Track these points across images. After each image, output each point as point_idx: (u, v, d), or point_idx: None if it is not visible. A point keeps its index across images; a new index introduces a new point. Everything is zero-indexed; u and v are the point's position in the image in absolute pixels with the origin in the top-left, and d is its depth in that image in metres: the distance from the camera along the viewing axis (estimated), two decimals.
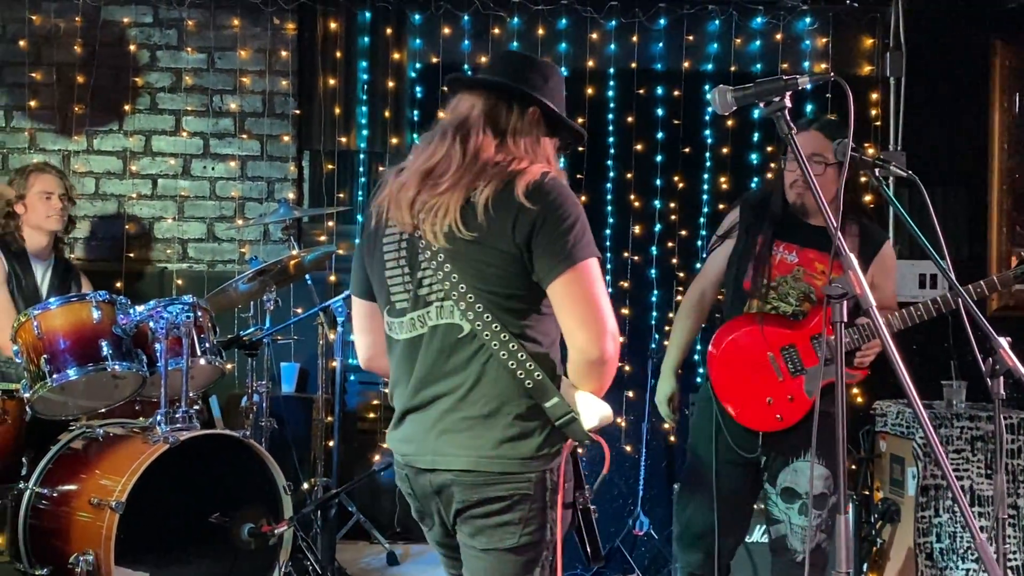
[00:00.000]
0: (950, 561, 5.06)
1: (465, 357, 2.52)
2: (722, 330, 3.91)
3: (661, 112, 6.17)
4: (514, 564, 2.56)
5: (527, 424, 2.50)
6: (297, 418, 5.82)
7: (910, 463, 5.15)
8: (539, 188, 2.45)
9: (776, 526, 3.86)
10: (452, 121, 2.60)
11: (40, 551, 4.27)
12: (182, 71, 6.27)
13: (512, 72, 2.64)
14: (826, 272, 3.81)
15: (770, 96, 2.41)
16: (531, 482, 2.50)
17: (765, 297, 3.83)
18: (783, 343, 3.82)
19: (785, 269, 3.86)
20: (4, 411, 4.33)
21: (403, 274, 2.61)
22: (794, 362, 3.80)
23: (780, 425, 3.79)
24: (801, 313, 3.84)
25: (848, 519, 2.32)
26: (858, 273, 2.28)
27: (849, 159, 2.48)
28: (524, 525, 2.52)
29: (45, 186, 5.12)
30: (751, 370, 3.81)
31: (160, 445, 4.14)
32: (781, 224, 3.90)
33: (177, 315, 4.34)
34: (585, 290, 2.45)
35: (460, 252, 2.49)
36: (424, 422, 2.58)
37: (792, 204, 3.88)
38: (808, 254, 3.86)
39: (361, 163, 6.37)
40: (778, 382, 3.80)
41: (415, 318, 2.58)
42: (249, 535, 4.35)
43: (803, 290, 3.84)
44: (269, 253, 6.18)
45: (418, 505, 2.71)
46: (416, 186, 2.55)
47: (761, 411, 3.80)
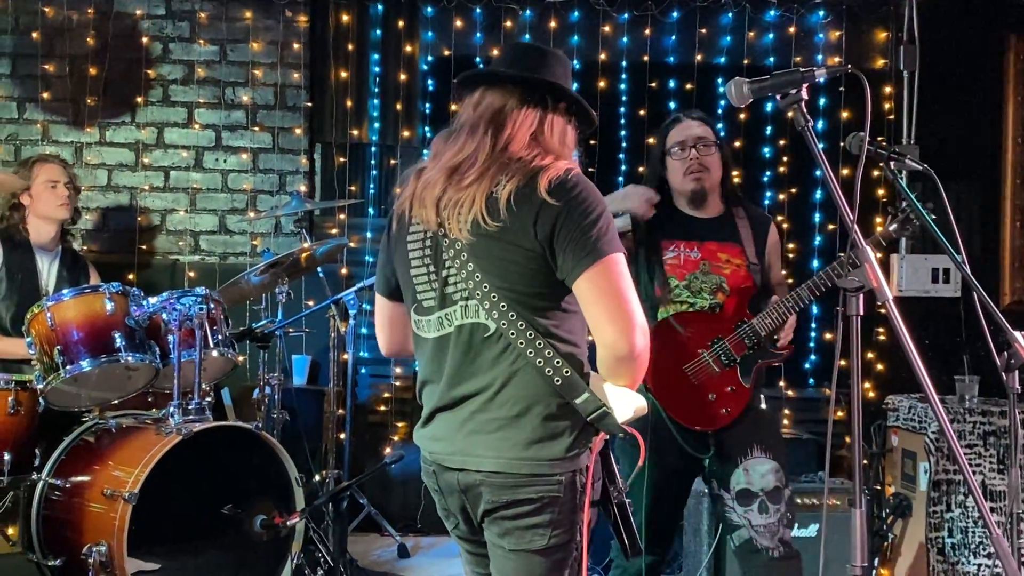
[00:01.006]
0: (962, 556, 5.05)
1: (492, 356, 2.51)
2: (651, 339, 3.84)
3: (674, 105, 6.16)
4: (543, 565, 2.55)
5: (557, 424, 2.49)
6: (309, 410, 5.82)
7: (922, 458, 5.14)
8: (562, 184, 2.44)
9: (738, 531, 3.80)
10: (483, 115, 2.58)
11: (53, 542, 4.27)
12: (194, 63, 6.28)
13: (537, 65, 2.62)
14: (730, 260, 3.86)
15: (786, 88, 2.40)
16: (561, 484, 2.49)
17: (679, 298, 3.83)
18: (710, 337, 3.82)
19: (692, 266, 3.86)
20: (18, 402, 4.33)
21: (428, 272, 2.59)
22: (726, 354, 3.80)
23: (728, 418, 3.78)
24: (717, 305, 3.84)
25: (862, 514, 2.31)
26: (874, 265, 2.27)
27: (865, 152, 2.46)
28: (553, 527, 2.51)
29: (50, 175, 5.09)
30: (689, 372, 3.80)
31: (173, 437, 4.14)
32: (675, 224, 3.92)
33: (190, 307, 4.34)
34: (612, 284, 2.42)
35: (484, 247, 2.47)
36: (454, 421, 2.58)
37: (693, 192, 3.89)
38: (708, 247, 3.88)
39: (373, 156, 6.37)
40: (716, 377, 3.80)
41: (442, 317, 2.57)
42: (261, 527, 4.35)
43: (715, 282, 3.84)
44: (281, 246, 6.18)
45: (443, 502, 2.70)
46: (442, 183, 2.54)
47: (706, 409, 3.79)
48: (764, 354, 3.83)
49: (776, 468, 3.79)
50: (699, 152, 3.87)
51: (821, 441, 5.60)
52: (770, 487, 3.77)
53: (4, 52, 6.19)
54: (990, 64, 6.23)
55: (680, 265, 3.86)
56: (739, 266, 3.87)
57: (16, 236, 5.06)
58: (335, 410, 5.59)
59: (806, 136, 2.40)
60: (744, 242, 3.90)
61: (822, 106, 6.08)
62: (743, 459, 3.78)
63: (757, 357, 3.82)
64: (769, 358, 3.84)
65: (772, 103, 5.90)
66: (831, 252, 6.14)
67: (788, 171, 6.20)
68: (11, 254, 5.02)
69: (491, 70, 2.65)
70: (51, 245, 5.17)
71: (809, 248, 6.19)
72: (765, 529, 3.76)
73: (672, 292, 3.83)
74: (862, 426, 2.32)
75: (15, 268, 5.00)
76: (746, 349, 3.80)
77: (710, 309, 3.84)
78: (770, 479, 3.78)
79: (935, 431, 5.06)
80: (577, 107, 2.64)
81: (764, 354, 3.83)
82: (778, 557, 3.76)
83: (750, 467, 3.78)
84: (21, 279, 5.00)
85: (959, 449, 2.40)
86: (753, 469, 3.78)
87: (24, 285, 5.00)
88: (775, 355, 3.85)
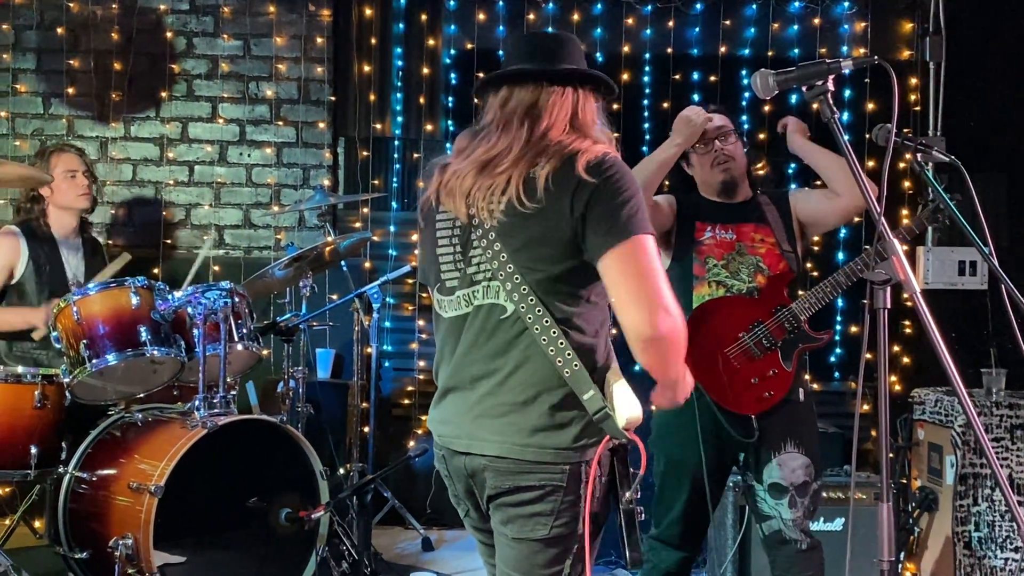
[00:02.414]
0: (988, 550, 5.02)
1: (506, 339, 2.51)
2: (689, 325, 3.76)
3: (697, 98, 6.14)
4: (544, 554, 2.55)
5: (565, 414, 2.49)
6: (333, 404, 5.83)
7: (948, 451, 5.11)
8: (600, 164, 2.44)
9: (768, 522, 3.83)
10: (514, 111, 2.58)
11: (80, 535, 4.30)
12: (218, 58, 6.30)
13: (555, 55, 2.62)
14: (764, 240, 3.90)
15: (813, 80, 2.38)
16: (565, 473, 2.49)
17: (718, 278, 3.86)
18: (750, 321, 3.83)
19: (728, 247, 3.89)
20: (44, 396, 4.35)
21: (454, 252, 2.61)
22: (767, 337, 3.81)
23: (771, 401, 3.79)
24: (756, 289, 3.86)
25: (889, 507, 2.30)
26: (901, 258, 2.25)
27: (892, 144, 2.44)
28: (556, 516, 2.51)
29: (68, 165, 5.07)
30: (731, 356, 3.81)
31: (198, 430, 4.15)
32: (708, 210, 3.98)
33: (215, 301, 4.36)
34: (638, 264, 2.41)
35: (516, 228, 2.48)
36: (463, 404, 2.59)
37: (723, 183, 3.95)
38: (742, 228, 3.92)
39: (396, 149, 6.38)
40: (757, 361, 3.81)
41: (462, 296, 2.59)
42: (286, 520, 4.36)
43: (752, 263, 3.87)
44: (304, 240, 6.20)
45: (453, 488, 2.72)
46: (474, 175, 2.54)
47: (750, 393, 3.80)
48: (804, 338, 3.85)
49: (807, 464, 3.80)
50: (722, 143, 3.93)
51: (846, 435, 5.58)
52: (799, 482, 3.79)
53: (29, 47, 6.22)
54: (1017, 54, 6.17)
55: (717, 245, 3.90)
56: (772, 246, 3.90)
57: (38, 229, 5.07)
58: (359, 403, 5.60)
59: (832, 128, 2.38)
60: (773, 225, 3.94)
61: (847, 98, 6.05)
62: (777, 453, 3.80)
63: (798, 341, 3.83)
64: (809, 342, 3.86)
65: (797, 95, 5.86)
66: (856, 244, 6.11)
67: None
68: (35, 247, 5.03)
69: (517, 69, 2.65)
70: (72, 235, 5.17)
71: (835, 241, 6.16)
72: (794, 523, 3.78)
73: (710, 271, 3.86)
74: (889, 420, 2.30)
75: (42, 261, 5.01)
76: (786, 333, 3.82)
77: (748, 293, 3.85)
78: (799, 474, 3.79)
79: (962, 424, 5.03)
80: (599, 82, 2.66)
81: (804, 338, 3.85)
82: (805, 549, 3.80)
83: (783, 462, 3.79)
84: (49, 271, 5.01)
85: (987, 442, 2.38)
86: (785, 464, 3.79)
87: (53, 278, 5.02)
88: (815, 340, 3.87)
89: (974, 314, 5.83)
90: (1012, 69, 6.17)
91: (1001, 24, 6.13)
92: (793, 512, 3.78)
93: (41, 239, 5.06)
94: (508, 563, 2.61)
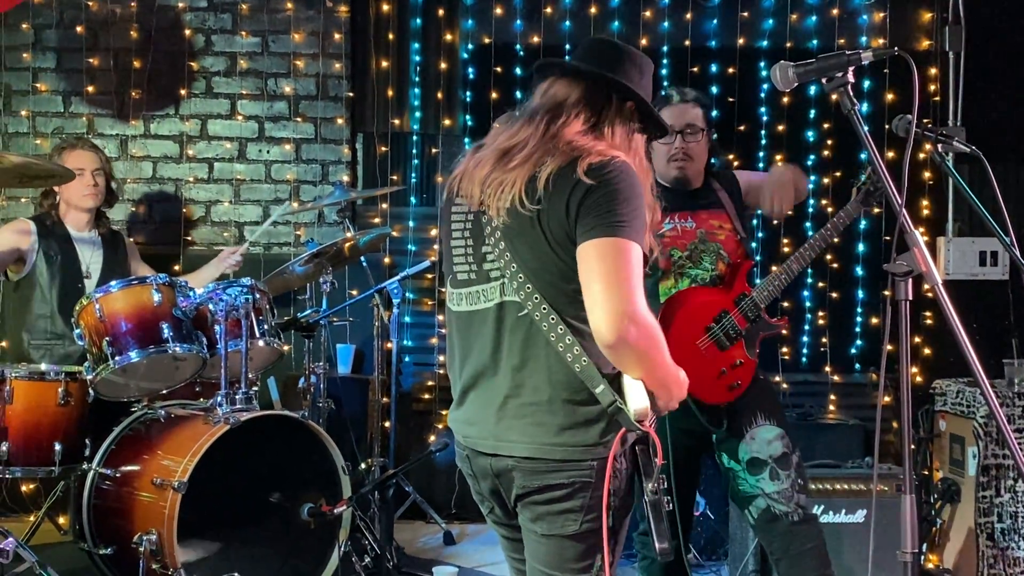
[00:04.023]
0: (1011, 541, 5.00)
1: (525, 337, 2.51)
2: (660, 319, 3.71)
3: (716, 90, 6.13)
4: (575, 550, 2.56)
5: (590, 410, 2.49)
6: (354, 399, 5.84)
7: (970, 443, 5.09)
8: (602, 167, 2.42)
9: (754, 502, 3.80)
10: (544, 104, 2.58)
11: (104, 531, 4.33)
12: (237, 55, 6.32)
13: (609, 62, 2.60)
14: (723, 226, 3.90)
15: (832, 72, 2.38)
16: (592, 469, 2.49)
17: (682, 270, 3.85)
18: (715, 312, 3.83)
19: (690, 236, 3.88)
20: (68, 393, 4.38)
21: (467, 246, 2.61)
22: (733, 327, 3.82)
23: (738, 392, 3.82)
24: (719, 278, 3.87)
25: (912, 499, 2.30)
26: (923, 249, 2.25)
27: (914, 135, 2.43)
28: (586, 512, 2.51)
29: (77, 162, 5.03)
30: (698, 349, 3.79)
31: (221, 426, 4.17)
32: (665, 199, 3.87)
33: (236, 297, 4.37)
34: (612, 266, 2.36)
35: (519, 229, 2.48)
36: (485, 404, 2.59)
37: (675, 179, 3.91)
38: (701, 216, 3.91)
39: (414, 145, 6.38)
40: (724, 352, 3.81)
41: (476, 292, 2.59)
42: (309, 515, 4.37)
43: (713, 250, 3.87)
44: (324, 236, 6.21)
45: (477, 487, 2.72)
46: (491, 164, 2.55)
47: (720, 383, 3.80)
48: (765, 326, 3.90)
49: (782, 434, 3.82)
50: (685, 140, 3.87)
51: (868, 427, 5.57)
52: (778, 453, 3.79)
53: (49, 46, 6.25)
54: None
55: (680, 236, 3.88)
56: (730, 231, 3.92)
57: (48, 222, 5.10)
58: (380, 398, 5.62)
59: (852, 119, 2.38)
60: (728, 210, 3.95)
61: (866, 88, 6.02)
62: (748, 428, 3.82)
63: (759, 329, 3.88)
64: (769, 330, 3.92)
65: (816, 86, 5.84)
66: (876, 236, 6.09)
67: (832, 155, 6.14)
68: (45, 240, 5.06)
69: (562, 62, 2.67)
70: (87, 229, 5.19)
71: (855, 232, 6.13)
72: (780, 495, 3.76)
73: (675, 263, 3.86)
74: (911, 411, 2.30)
75: (52, 253, 5.04)
76: (748, 323, 3.85)
77: (712, 282, 3.87)
78: (777, 445, 3.79)
79: (984, 415, 5.02)
80: (647, 112, 2.63)
81: (765, 326, 3.90)
82: (797, 521, 3.77)
83: (756, 435, 3.81)
84: (61, 262, 5.04)
85: (1010, 433, 2.38)
86: (759, 437, 3.81)
87: (65, 269, 5.05)
88: (774, 327, 3.94)
89: (995, 305, 5.81)
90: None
91: (1021, 12, 6.09)
92: (777, 484, 3.76)
93: (53, 232, 5.09)
94: (539, 559, 2.62)
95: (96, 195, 5.15)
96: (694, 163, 3.92)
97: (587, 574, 2.57)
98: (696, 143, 3.90)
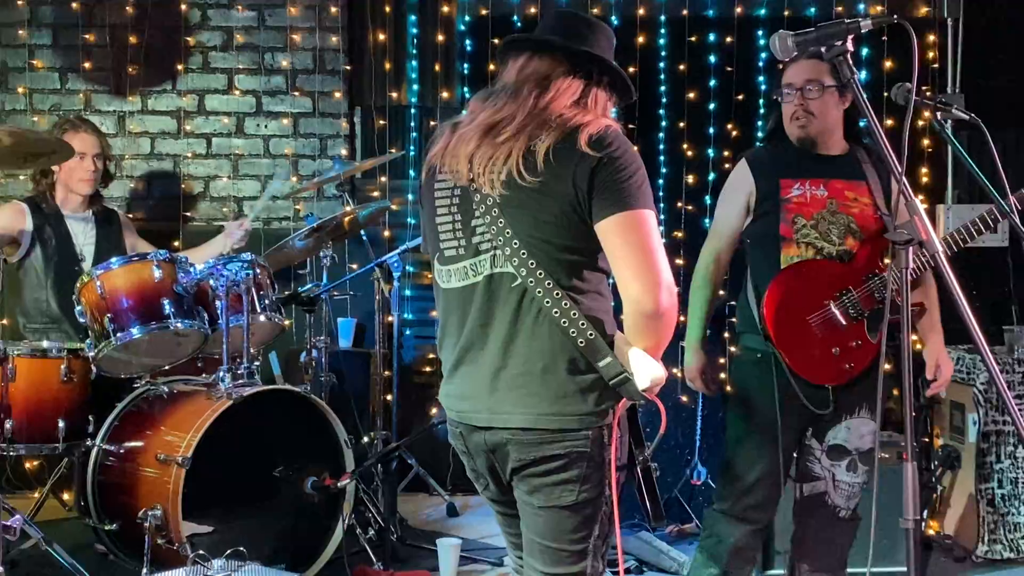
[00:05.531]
0: (1012, 507, 5.03)
1: (518, 309, 2.51)
2: (774, 287, 3.65)
3: (714, 59, 6.10)
4: (573, 520, 2.57)
5: (584, 379, 2.50)
6: (355, 373, 5.85)
7: (970, 409, 5.11)
8: (602, 138, 2.45)
9: (814, 483, 3.72)
10: (527, 79, 2.59)
11: (109, 507, 4.34)
12: (233, 29, 6.29)
13: (583, 37, 2.63)
14: (858, 199, 3.68)
15: (832, 40, 2.37)
16: (588, 439, 2.50)
17: (807, 239, 3.65)
18: (838, 288, 3.63)
19: (819, 205, 3.66)
20: (70, 370, 4.39)
21: (454, 221, 2.61)
22: (854, 306, 3.61)
23: (851, 374, 3.62)
24: (847, 253, 3.65)
25: (914, 466, 2.31)
26: (923, 218, 2.26)
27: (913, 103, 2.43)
28: (582, 482, 2.53)
29: (80, 146, 4.95)
30: (813, 324, 3.62)
31: (224, 401, 4.18)
32: (797, 163, 3.74)
33: (236, 272, 4.37)
34: (640, 238, 2.43)
35: (517, 201, 2.49)
36: (478, 377, 2.59)
37: (798, 139, 3.73)
38: (835, 185, 3.69)
39: (412, 118, 6.37)
40: (841, 331, 3.62)
41: (467, 267, 2.59)
42: (313, 488, 4.39)
43: (843, 223, 3.65)
44: (323, 210, 6.20)
45: (472, 463, 2.73)
46: (477, 140, 2.55)
47: (830, 364, 3.61)
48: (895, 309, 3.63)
49: (875, 430, 3.68)
50: (805, 96, 3.67)
51: None
52: (865, 448, 3.70)
53: (45, 23, 6.22)
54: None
55: (807, 203, 3.66)
56: (867, 206, 3.67)
57: (43, 203, 5.07)
58: (381, 372, 5.63)
59: (852, 88, 2.38)
60: (871, 184, 3.71)
61: (865, 56, 6.00)
62: (848, 416, 3.68)
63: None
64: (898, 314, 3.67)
65: None
66: None
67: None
68: (41, 222, 5.03)
69: (542, 38, 2.66)
70: (81, 208, 5.16)
71: None
72: (847, 487, 3.70)
73: (799, 232, 3.65)
74: (912, 379, 2.31)
75: (46, 235, 5.02)
76: (876, 303, 3.61)
77: (839, 257, 3.65)
78: (867, 440, 3.69)
79: (984, 382, 5.04)
80: (619, 82, 2.66)
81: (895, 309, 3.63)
82: (844, 517, 3.74)
83: (853, 426, 3.69)
84: (55, 245, 5.02)
85: (1010, 399, 2.39)
86: (855, 429, 3.69)
87: (59, 252, 5.03)
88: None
89: (995, 271, 5.81)
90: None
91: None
92: (851, 476, 3.69)
93: (47, 213, 5.06)
94: (536, 532, 2.63)
95: (95, 180, 5.13)
96: (817, 121, 3.68)
97: (585, 544, 2.59)
98: (818, 100, 3.67)
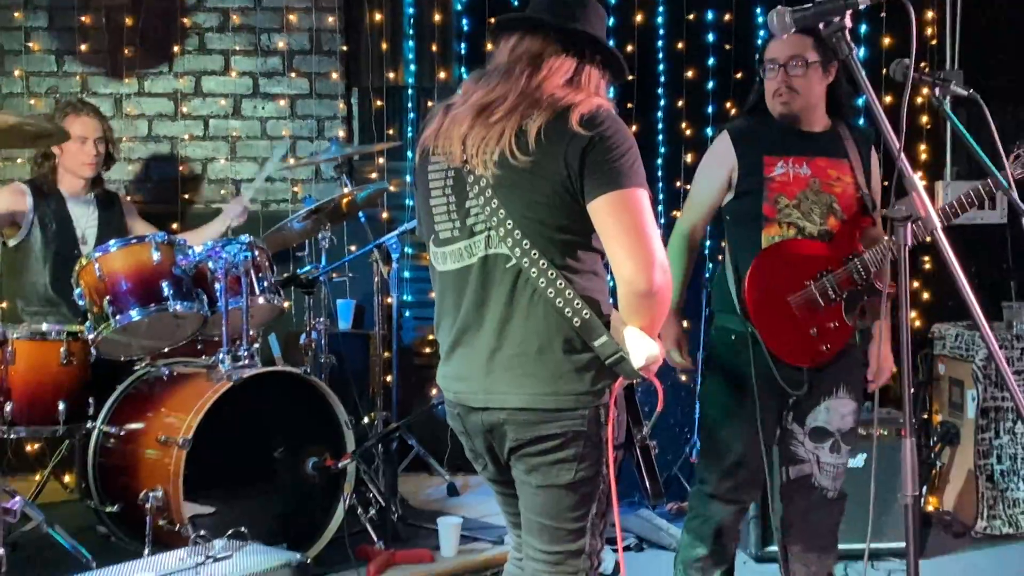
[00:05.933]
0: (1011, 482, 5.05)
1: (513, 289, 2.52)
2: (755, 267, 3.61)
3: (712, 37, 6.08)
4: (571, 499, 2.58)
5: (579, 358, 2.50)
6: (355, 354, 5.86)
7: (969, 386, 5.13)
8: (594, 117, 2.45)
9: (799, 466, 3.70)
10: (519, 58, 2.59)
11: (110, 488, 4.36)
12: (229, 11, 6.27)
13: (575, 15, 2.62)
14: (841, 178, 3.64)
15: (830, 16, 2.36)
16: (584, 418, 2.51)
17: (789, 219, 3.61)
18: (818, 269, 3.59)
19: (801, 184, 3.61)
20: (70, 353, 4.39)
21: (448, 203, 2.61)
22: (833, 288, 3.57)
23: (827, 355, 3.60)
24: (828, 233, 3.60)
25: (912, 443, 2.31)
26: (922, 194, 2.25)
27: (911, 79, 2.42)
28: (579, 461, 2.54)
29: (82, 130, 4.99)
30: (793, 304, 3.59)
31: (224, 383, 4.19)
32: (781, 139, 3.67)
33: (235, 255, 4.37)
34: (633, 217, 2.43)
35: (510, 181, 2.49)
36: (474, 358, 2.60)
37: (781, 115, 3.67)
38: (818, 163, 3.64)
39: (410, 98, 6.35)
40: (819, 312, 3.59)
41: (462, 248, 2.59)
42: (313, 469, 4.42)
43: (826, 203, 3.61)
44: (321, 192, 6.20)
45: (471, 444, 2.74)
46: (470, 120, 2.55)
47: (807, 345, 3.59)
48: (871, 291, 3.59)
49: (856, 409, 3.69)
50: (788, 72, 3.60)
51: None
52: (847, 428, 3.69)
53: (41, 5, 6.20)
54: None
55: (789, 182, 3.62)
56: (849, 185, 3.64)
57: (44, 187, 5.07)
58: (381, 353, 5.63)
59: (850, 65, 2.37)
60: (853, 162, 3.67)
61: (863, 33, 5.98)
62: (827, 398, 3.67)
63: (864, 294, 3.60)
64: (875, 295, 3.60)
65: None
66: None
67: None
68: (40, 204, 5.04)
69: (534, 16, 2.65)
70: (83, 192, 5.16)
71: None
72: (833, 468, 3.69)
73: (781, 212, 3.62)
74: (911, 355, 2.31)
75: (46, 218, 5.02)
76: (854, 285, 3.58)
77: (820, 237, 3.61)
78: (849, 420, 3.69)
79: (983, 359, 5.05)
80: (613, 60, 2.66)
81: (871, 291, 3.59)
82: (831, 497, 3.73)
83: (832, 407, 3.67)
84: (56, 228, 5.03)
85: (1010, 375, 2.40)
86: (835, 409, 3.68)
87: (60, 235, 5.04)
88: (881, 292, 3.57)
89: (994, 248, 5.81)
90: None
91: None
92: (835, 457, 3.68)
93: (48, 196, 5.06)
94: (535, 511, 2.64)
95: (97, 164, 5.13)
96: (800, 98, 3.62)
97: (583, 522, 2.61)
98: (800, 76, 3.60)
